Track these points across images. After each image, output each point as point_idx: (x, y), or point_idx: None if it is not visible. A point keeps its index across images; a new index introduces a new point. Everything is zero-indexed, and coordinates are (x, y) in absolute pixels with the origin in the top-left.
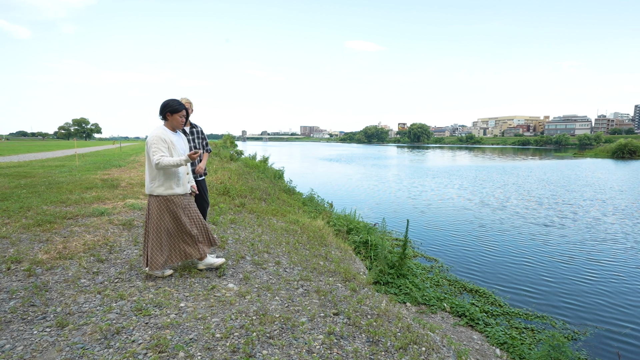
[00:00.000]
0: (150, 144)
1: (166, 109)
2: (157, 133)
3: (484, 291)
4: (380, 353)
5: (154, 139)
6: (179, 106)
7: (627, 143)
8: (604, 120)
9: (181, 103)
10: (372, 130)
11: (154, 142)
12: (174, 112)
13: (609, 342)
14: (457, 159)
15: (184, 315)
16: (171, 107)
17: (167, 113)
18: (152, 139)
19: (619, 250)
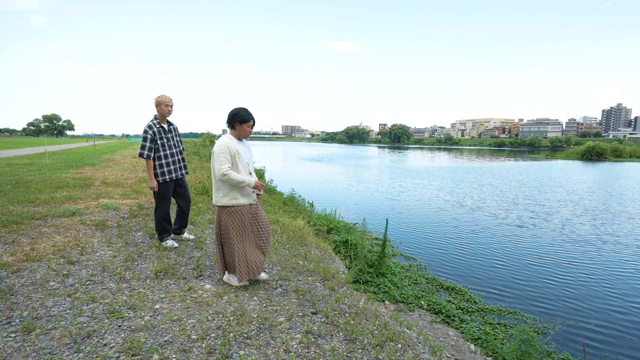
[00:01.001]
0: (217, 153)
1: (235, 118)
2: (224, 142)
3: (460, 289)
4: (357, 351)
5: (220, 148)
6: (248, 116)
7: (595, 146)
8: (574, 124)
9: (250, 113)
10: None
11: (220, 152)
12: (243, 122)
13: (575, 335)
14: (436, 159)
15: (159, 317)
16: (241, 116)
17: (237, 122)
18: (218, 149)
19: (587, 250)
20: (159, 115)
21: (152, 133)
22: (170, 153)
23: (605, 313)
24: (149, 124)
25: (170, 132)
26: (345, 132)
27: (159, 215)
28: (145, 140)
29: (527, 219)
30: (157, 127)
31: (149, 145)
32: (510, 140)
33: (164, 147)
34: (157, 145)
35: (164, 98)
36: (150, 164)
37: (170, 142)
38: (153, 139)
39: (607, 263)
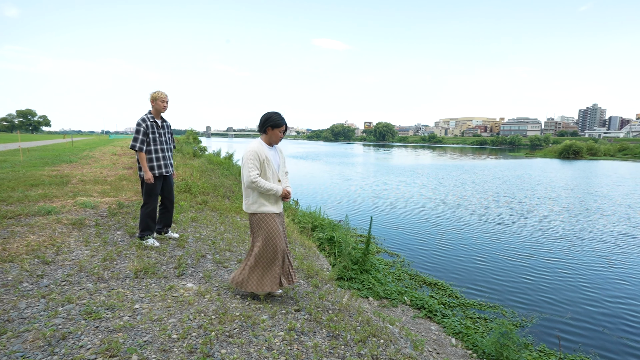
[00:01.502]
0: (246, 159)
1: (268, 122)
2: (253, 148)
3: (442, 284)
4: (340, 347)
5: (250, 154)
6: (281, 121)
7: (572, 144)
8: (552, 123)
9: (283, 118)
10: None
11: (249, 158)
12: (275, 127)
13: (551, 328)
14: (420, 158)
15: (139, 317)
16: (273, 121)
17: (269, 127)
18: (248, 154)
19: (564, 245)
20: (154, 110)
21: (145, 126)
22: (160, 148)
23: (579, 306)
24: (142, 117)
25: (163, 129)
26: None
27: (145, 211)
28: (138, 132)
29: (507, 216)
30: (151, 121)
31: (142, 138)
32: (492, 139)
33: (155, 142)
34: (148, 139)
35: (160, 94)
36: (143, 157)
37: (163, 137)
38: (146, 132)
39: (582, 258)
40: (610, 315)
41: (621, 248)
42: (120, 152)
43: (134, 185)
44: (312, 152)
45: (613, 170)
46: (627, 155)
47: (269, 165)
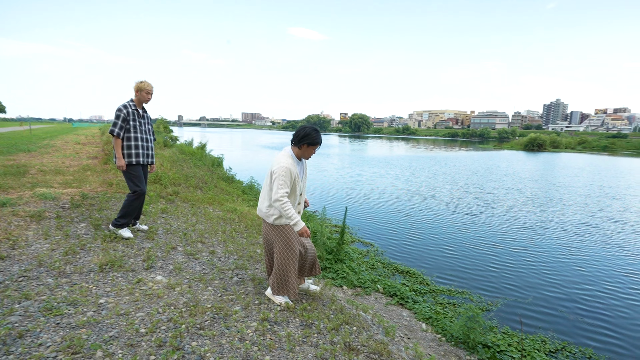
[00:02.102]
0: (278, 174)
1: (306, 139)
2: (287, 164)
3: (414, 272)
4: (313, 335)
5: (283, 170)
6: (319, 139)
7: (536, 137)
8: (519, 117)
9: (320, 135)
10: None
11: (282, 174)
12: (312, 145)
13: (514, 311)
14: (395, 149)
15: (104, 312)
16: (312, 139)
17: (305, 144)
18: (281, 170)
19: (528, 234)
20: (136, 100)
21: (125, 112)
22: (140, 137)
23: (540, 290)
24: (124, 104)
25: (144, 118)
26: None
27: (130, 197)
28: (117, 118)
29: (475, 206)
30: (132, 109)
31: (121, 124)
32: (463, 131)
33: (136, 129)
34: (128, 126)
35: (146, 85)
36: (119, 142)
37: (143, 127)
38: (126, 119)
39: (544, 246)
40: (567, 298)
41: (579, 236)
42: (85, 141)
43: (100, 175)
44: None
45: (573, 162)
46: (586, 148)
47: (298, 183)
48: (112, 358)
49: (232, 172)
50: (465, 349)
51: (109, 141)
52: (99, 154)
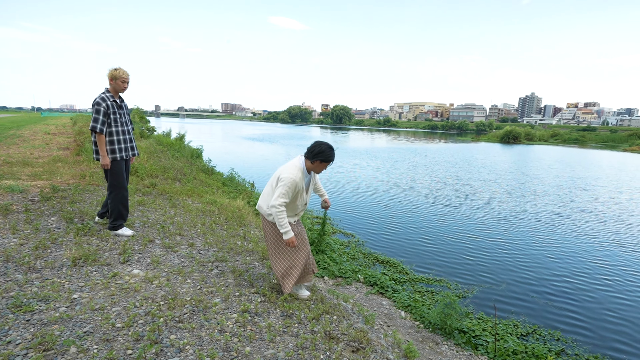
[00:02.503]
0: (284, 183)
1: (319, 156)
2: (294, 177)
3: (394, 261)
4: (294, 325)
5: (289, 181)
6: (332, 157)
7: (512, 130)
8: (496, 110)
9: (334, 153)
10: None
11: (287, 185)
12: (324, 162)
13: (488, 297)
14: (376, 141)
15: (78, 308)
16: (325, 156)
17: (318, 160)
18: (287, 180)
19: (503, 224)
20: (112, 89)
21: (105, 106)
22: (122, 130)
23: (513, 278)
24: (101, 96)
25: (122, 109)
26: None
27: (115, 198)
28: (98, 113)
29: (454, 198)
30: (111, 101)
31: (102, 119)
32: (442, 124)
33: (117, 123)
34: (109, 120)
35: (122, 73)
36: (103, 139)
37: (123, 118)
38: (106, 113)
39: (517, 236)
40: (538, 285)
41: (551, 226)
42: (55, 131)
43: (71, 167)
44: (269, 135)
45: (546, 154)
46: (558, 141)
47: (302, 195)
48: (86, 354)
49: (212, 163)
50: (442, 334)
51: (82, 131)
52: (71, 145)
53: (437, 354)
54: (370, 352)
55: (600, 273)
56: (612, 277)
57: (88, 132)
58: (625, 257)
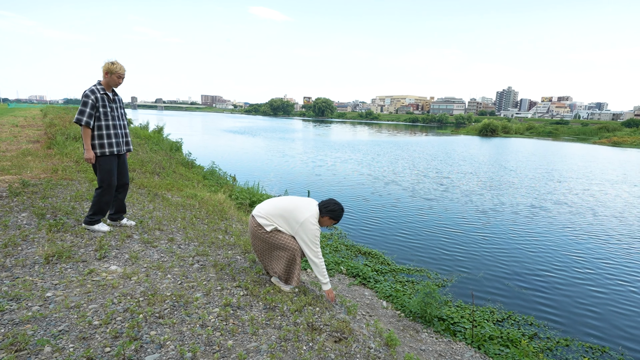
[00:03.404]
0: (314, 234)
1: (332, 214)
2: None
3: (376, 253)
4: (277, 317)
5: (317, 231)
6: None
7: (490, 123)
8: (475, 103)
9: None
10: (278, 102)
11: (317, 236)
12: (333, 219)
13: (466, 285)
14: (358, 134)
15: (52, 306)
16: (336, 215)
17: (329, 217)
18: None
19: (481, 216)
20: (105, 83)
21: (94, 99)
22: (112, 124)
23: (490, 267)
24: (91, 89)
25: (115, 103)
26: (269, 104)
27: (101, 194)
28: (85, 105)
29: (434, 190)
30: (101, 94)
31: (89, 112)
32: (423, 117)
33: (107, 116)
34: (98, 113)
35: (118, 68)
36: (88, 133)
37: (115, 112)
38: (94, 106)
39: (495, 227)
40: (514, 273)
41: (527, 218)
42: (24, 123)
43: (42, 161)
44: (251, 127)
45: (522, 147)
46: (533, 134)
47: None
48: (62, 353)
49: (192, 157)
50: (423, 322)
51: (53, 123)
52: (41, 138)
53: (417, 342)
54: (352, 342)
55: (572, 262)
56: (583, 266)
57: (60, 125)
58: (596, 247)
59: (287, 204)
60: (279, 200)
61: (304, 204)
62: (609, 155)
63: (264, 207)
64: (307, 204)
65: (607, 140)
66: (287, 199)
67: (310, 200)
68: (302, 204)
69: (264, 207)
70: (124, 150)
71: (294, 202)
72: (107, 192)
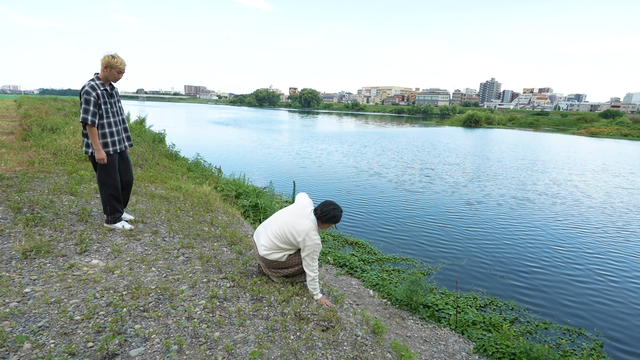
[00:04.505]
0: (312, 250)
1: (332, 220)
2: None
3: (362, 242)
4: (264, 308)
5: (318, 247)
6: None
7: (473, 114)
8: (459, 94)
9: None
10: (264, 93)
11: (317, 251)
12: (334, 223)
13: (450, 273)
14: (344, 125)
15: (31, 302)
16: (337, 219)
17: (329, 223)
18: (316, 247)
19: (465, 206)
20: (103, 76)
21: (95, 95)
22: (114, 121)
23: (473, 254)
24: (91, 85)
25: (113, 97)
26: (254, 95)
27: (107, 192)
28: (88, 103)
29: (420, 181)
30: (101, 90)
31: (93, 110)
32: (408, 108)
33: (108, 113)
34: (101, 110)
35: (119, 63)
36: (95, 132)
37: (114, 108)
38: (97, 103)
39: (479, 216)
40: (496, 261)
41: (508, 207)
42: None
43: (17, 153)
44: (236, 118)
45: (505, 137)
46: (515, 124)
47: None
48: (42, 349)
49: (176, 148)
50: (408, 310)
51: (28, 114)
52: (16, 129)
53: (403, 329)
54: (339, 330)
55: (552, 249)
56: (562, 254)
57: (35, 116)
58: (575, 235)
59: (283, 227)
60: (274, 225)
61: (298, 219)
62: (588, 145)
63: (264, 240)
64: (302, 217)
65: (585, 130)
66: (281, 220)
67: (303, 209)
68: (297, 221)
69: (265, 241)
70: (126, 146)
71: (288, 221)
72: (111, 189)
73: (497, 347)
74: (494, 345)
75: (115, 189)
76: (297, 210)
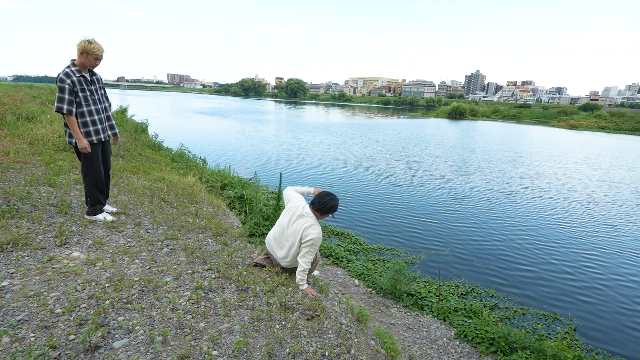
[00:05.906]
0: (310, 244)
1: (332, 210)
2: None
3: (348, 233)
4: (249, 298)
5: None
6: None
7: (459, 106)
8: (445, 86)
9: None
10: (250, 83)
11: (315, 245)
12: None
13: (434, 262)
14: (331, 116)
15: (9, 296)
16: (335, 209)
17: (328, 213)
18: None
19: (449, 196)
20: (79, 63)
21: (70, 83)
22: (95, 109)
23: (456, 244)
24: (66, 72)
25: (94, 84)
26: (240, 85)
27: (90, 183)
28: (62, 91)
29: (405, 173)
30: (77, 77)
31: (69, 98)
32: (395, 99)
33: (87, 101)
34: (78, 98)
35: (96, 48)
36: (74, 121)
37: (95, 95)
38: (72, 91)
39: (462, 206)
40: (477, 250)
41: (491, 199)
42: None
43: None
44: (221, 108)
45: (489, 129)
46: (498, 117)
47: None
48: (22, 343)
49: (159, 139)
50: (392, 298)
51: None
52: None
53: (387, 316)
54: (324, 319)
55: (531, 238)
56: (541, 242)
57: (10, 104)
58: (554, 225)
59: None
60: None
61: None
62: (568, 138)
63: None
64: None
65: (565, 123)
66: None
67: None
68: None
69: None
70: (110, 134)
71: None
72: (94, 179)
73: (477, 333)
74: (474, 330)
75: (98, 180)
76: (296, 215)
